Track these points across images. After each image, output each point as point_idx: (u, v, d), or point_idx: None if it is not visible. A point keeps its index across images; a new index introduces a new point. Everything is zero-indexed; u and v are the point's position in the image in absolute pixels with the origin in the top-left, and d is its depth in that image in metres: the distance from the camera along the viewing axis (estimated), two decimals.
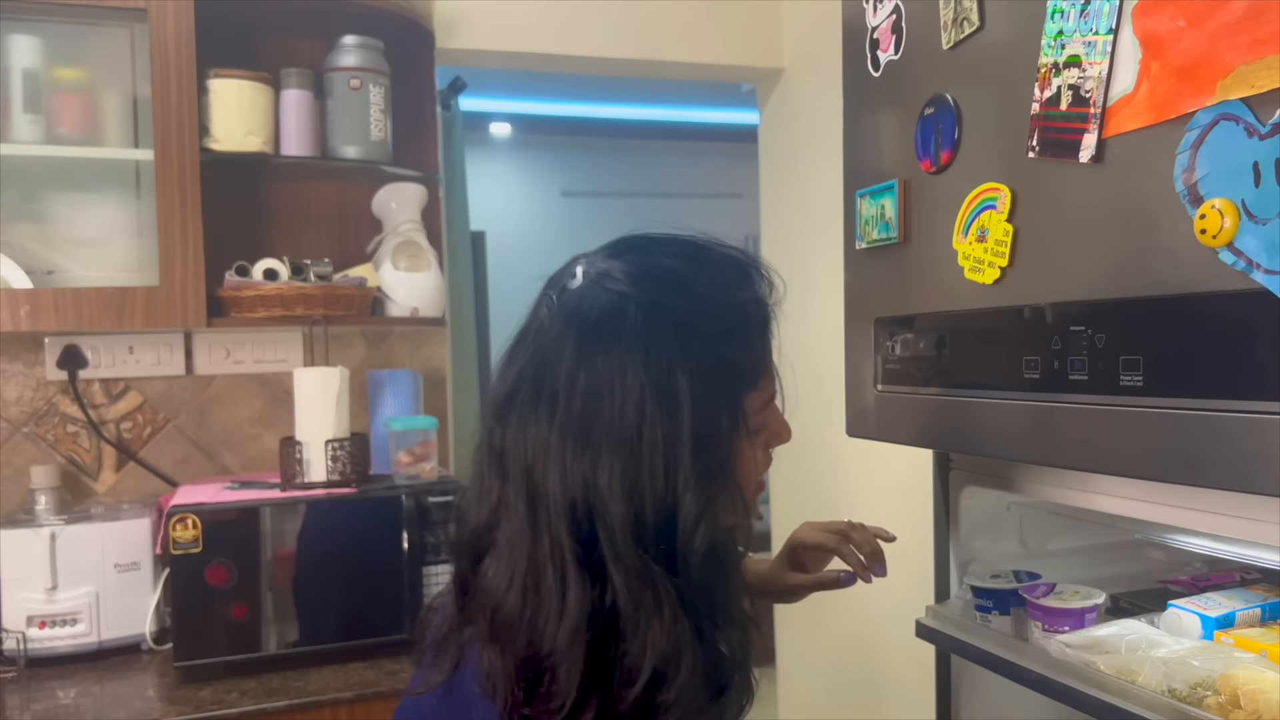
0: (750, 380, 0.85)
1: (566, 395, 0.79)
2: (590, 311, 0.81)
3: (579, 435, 0.78)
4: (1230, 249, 0.77)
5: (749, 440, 0.84)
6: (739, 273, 0.87)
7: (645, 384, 0.78)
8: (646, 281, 0.82)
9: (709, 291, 0.83)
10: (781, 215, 2.63)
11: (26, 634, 1.78)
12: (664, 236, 0.87)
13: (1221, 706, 0.90)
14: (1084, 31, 0.91)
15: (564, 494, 0.77)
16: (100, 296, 1.79)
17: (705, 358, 0.80)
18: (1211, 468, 0.81)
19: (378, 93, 2.01)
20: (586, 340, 0.80)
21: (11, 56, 1.82)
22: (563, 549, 0.77)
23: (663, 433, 0.77)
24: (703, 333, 0.80)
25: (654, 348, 0.79)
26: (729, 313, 0.83)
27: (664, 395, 0.78)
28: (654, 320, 0.79)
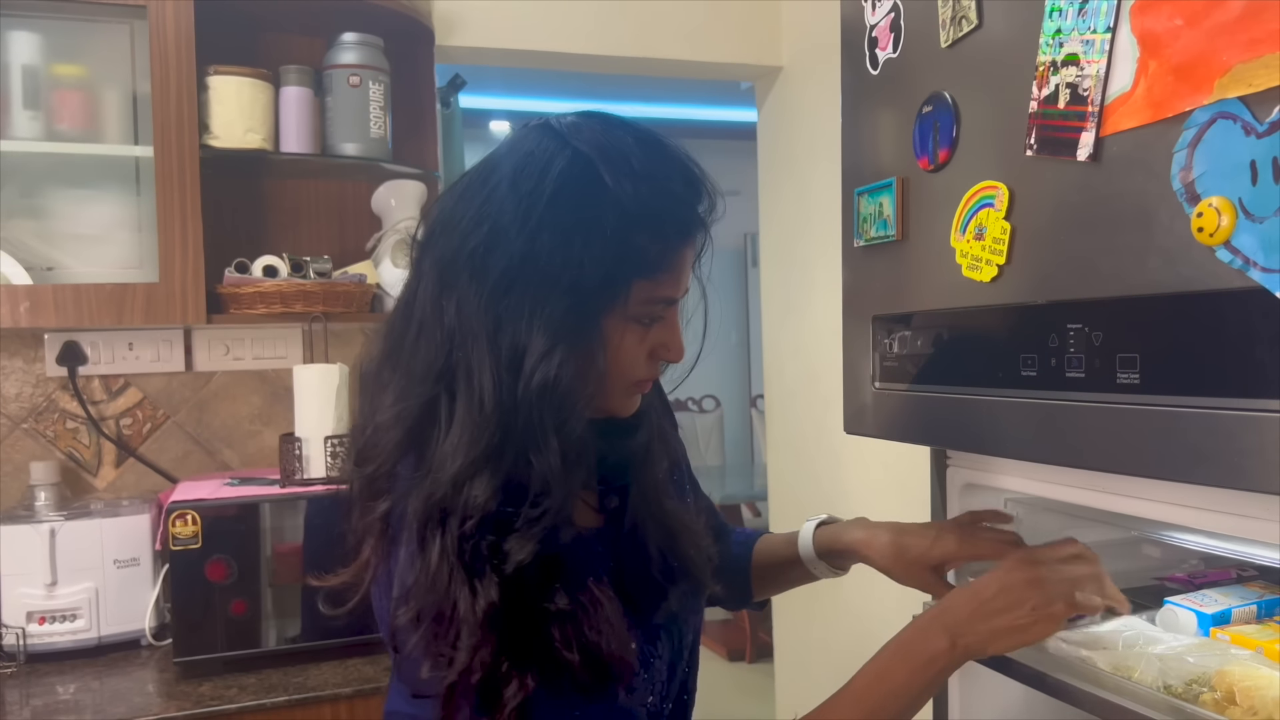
0: (647, 269, 0.86)
1: (475, 219, 0.84)
2: (527, 144, 0.86)
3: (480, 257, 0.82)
4: (1227, 247, 0.77)
5: (627, 324, 0.87)
6: (683, 175, 0.89)
7: (544, 223, 0.81)
8: (591, 142, 0.85)
9: (643, 173, 0.85)
10: (780, 213, 2.63)
11: (26, 629, 1.79)
12: (636, 122, 0.90)
13: (1217, 703, 0.91)
14: (1082, 30, 0.91)
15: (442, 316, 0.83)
16: (100, 293, 1.79)
17: (612, 225, 0.82)
18: (1208, 465, 0.81)
19: (377, 90, 2.01)
20: (517, 171, 0.84)
21: (11, 53, 1.83)
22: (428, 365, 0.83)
23: (542, 270, 0.81)
24: (620, 203, 0.83)
25: (565, 195, 0.82)
26: (654, 200, 0.85)
27: (558, 239, 0.81)
28: (579, 173, 0.83)
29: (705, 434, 6.00)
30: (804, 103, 2.48)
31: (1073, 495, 1.07)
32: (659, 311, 0.89)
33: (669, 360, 0.93)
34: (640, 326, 0.89)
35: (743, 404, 6.48)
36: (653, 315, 0.89)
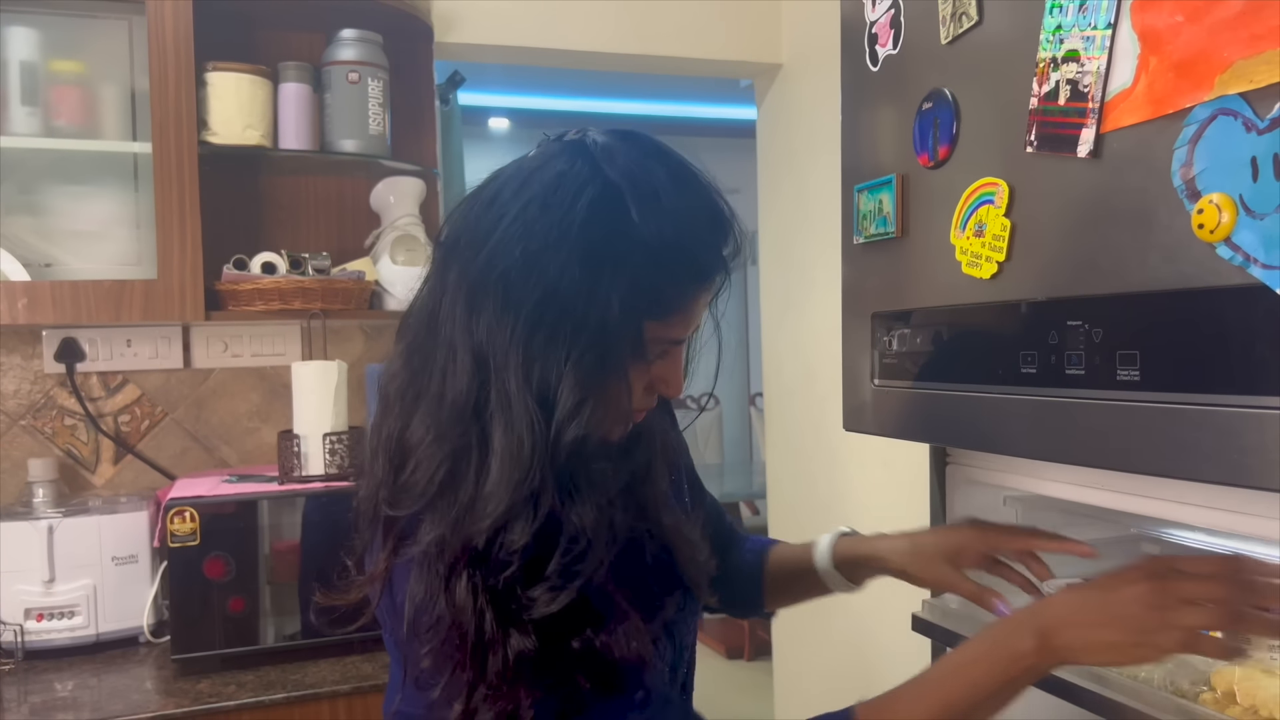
0: (662, 311, 0.84)
1: (506, 239, 0.81)
2: (560, 164, 0.84)
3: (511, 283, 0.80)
4: (1228, 244, 0.77)
5: (636, 364, 0.85)
6: (710, 217, 0.88)
7: (574, 255, 0.79)
8: (624, 172, 0.83)
9: (670, 212, 0.83)
10: (779, 210, 2.63)
11: (24, 626, 1.78)
12: (670, 150, 0.89)
13: (1217, 702, 0.91)
14: (1082, 26, 0.91)
15: (471, 340, 0.81)
16: (98, 289, 1.79)
17: (634, 265, 0.81)
18: (1208, 462, 0.81)
19: (376, 87, 2.01)
20: (548, 194, 0.82)
21: (9, 49, 1.82)
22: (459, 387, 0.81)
23: (571, 305, 0.79)
24: (645, 242, 0.81)
25: (595, 228, 0.80)
26: (678, 241, 0.83)
27: (587, 275, 0.79)
28: (608, 205, 0.81)
29: (704, 432, 6.00)
30: (804, 100, 2.47)
31: (1072, 493, 1.07)
32: (663, 350, 0.88)
33: (667, 395, 0.92)
34: (643, 363, 0.87)
35: (741, 402, 6.48)
36: (658, 353, 0.88)
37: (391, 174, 2.14)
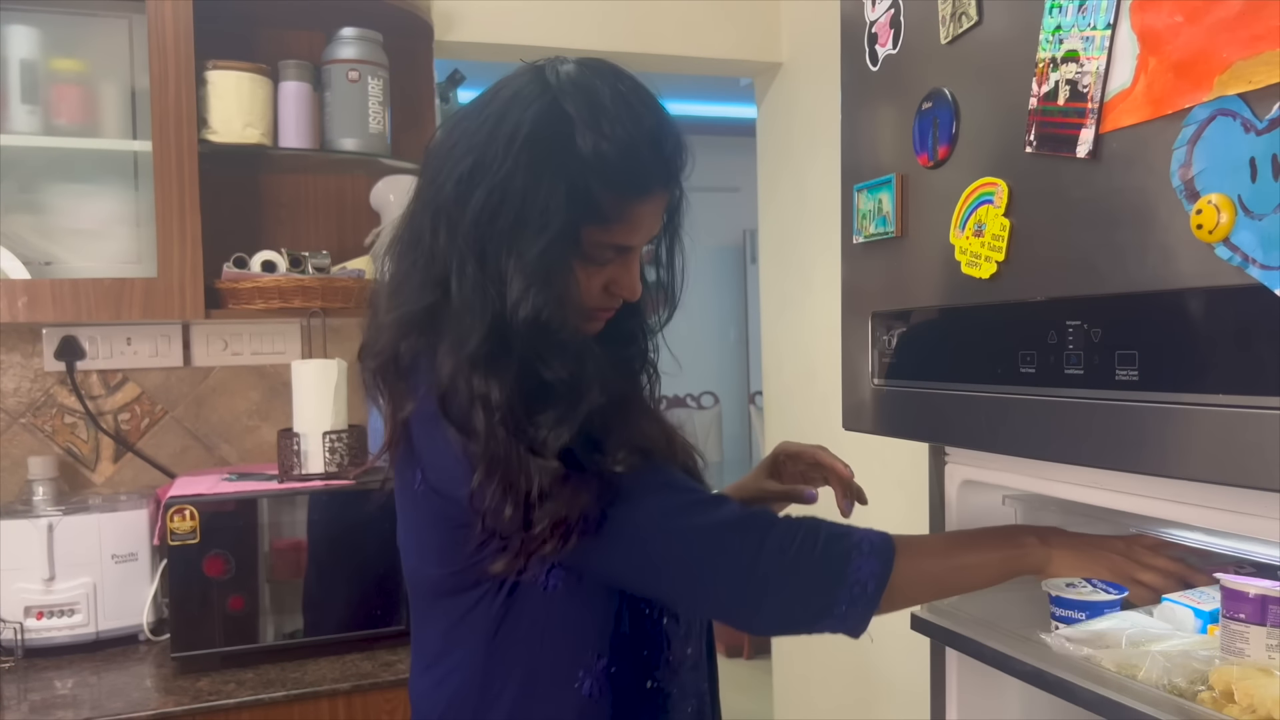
0: (600, 218, 0.94)
1: (463, 150, 0.94)
2: (517, 84, 0.96)
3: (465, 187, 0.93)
4: (1226, 244, 0.77)
5: (583, 265, 0.96)
6: (652, 134, 0.96)
7: (518, 164, 0.91)
8: (570, 92, 0.93)
9: (610, 128, 0.92)
10: (779, 209, 2.63)
11: (24, 624, 1.79)
12: (627, 76, 0.98)
13: (1215, 701, 0.91)
14: (1082, 26, 0.91)
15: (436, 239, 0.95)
16: (98, 288, 1.79)
17: (573, 174, 0.91)
18: (1207, 462, 0.81)
19: (376, 85, 2.01)
20: (501, 111, 0.94)
21: (9, 47, 1.82)
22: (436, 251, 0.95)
23: (516, 209, 0.91)
24: (581, 154, 0.91)
25: (536, 141, 0.91)
26: (614, 154, 0.92)
27: (529, 182, 0.91)
28: (551, 121, 0.92)
29: (703, 430, 6.00)
30: (804, 99, 2.47)
31: (1071, 492, 1.07)
32: (609, 255, 0.98)
33: (622, 296, 1.01)
34: (592, 265, 0.97)
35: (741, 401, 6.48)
36: (604, 257, 0.97)
37: (391, 172, 2.14)
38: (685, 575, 0.96)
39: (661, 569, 0.96)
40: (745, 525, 0.95)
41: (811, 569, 0.94)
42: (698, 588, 0.97)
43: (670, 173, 0.99)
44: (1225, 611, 1.00)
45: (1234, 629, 0.99)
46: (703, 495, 0.98)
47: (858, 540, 0.96)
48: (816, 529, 0.96)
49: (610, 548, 0.94)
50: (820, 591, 0.94)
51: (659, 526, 0.94)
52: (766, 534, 0.94)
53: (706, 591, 0.97)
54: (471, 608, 1.00)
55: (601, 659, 1.00)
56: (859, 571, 0.94)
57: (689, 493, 0.98)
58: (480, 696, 1.01)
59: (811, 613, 0.95)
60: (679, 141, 0.99)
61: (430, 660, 1.06)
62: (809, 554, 0.94)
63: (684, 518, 0.95)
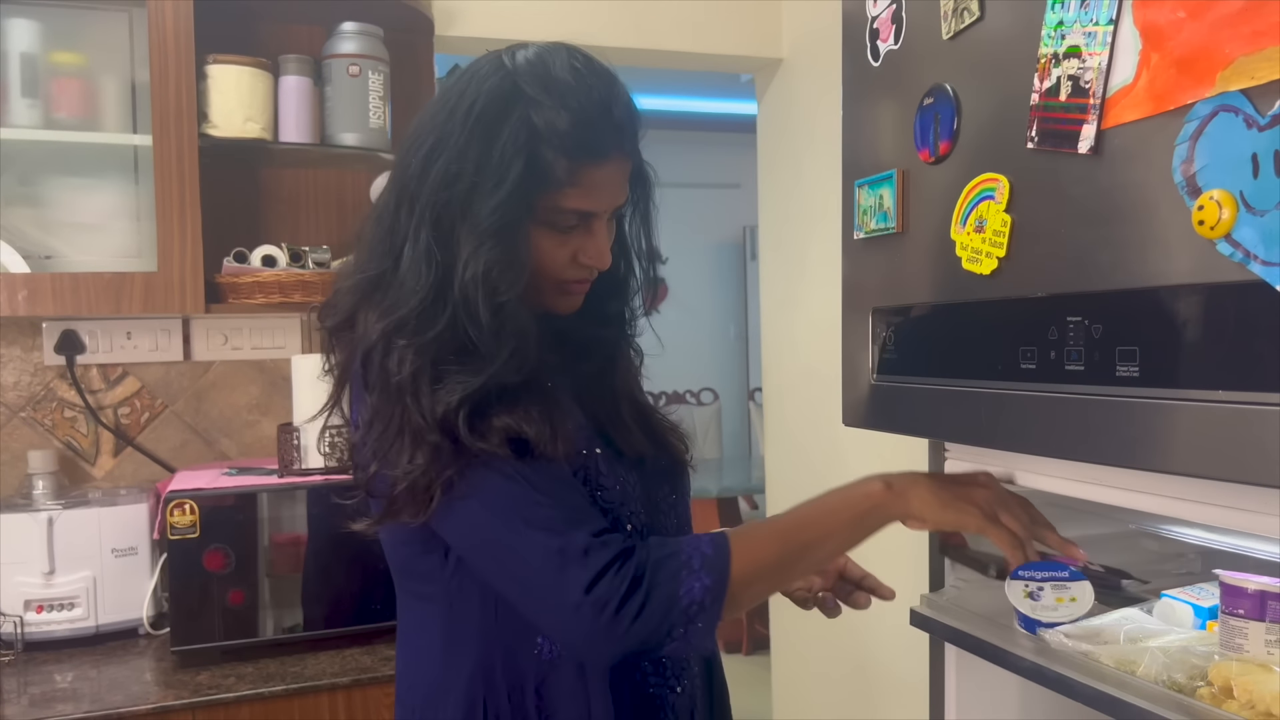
0: (553, 184, 0.96)
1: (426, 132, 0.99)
2: (476, 66, 1.00)
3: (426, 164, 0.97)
4: (1228, 240, 0.77)
5: (541, 229, 0.98)
6: (601, 101, 0.98)
7: (472, 136, 0.95)
8: (524, 67, 0.98)
9: (559, 96, 0.96)
10: (779, 206, 2.63)
11: (24, 618, 1.79)
12: (580, 53, 1.02)
13: (1214, 696, 0.91)
14: (1084, 22, 0.91)
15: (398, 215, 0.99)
16: (98, 282, 1.79)
17: (523, 143, 0.95)
18: (1207, 458, 0.81)
19: (377, 80, 2.01)
20: (460, 92, 0.98)
21: (9, 40, 1.82)
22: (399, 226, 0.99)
23: (470, 178, 0.95)
24: (530, 122, 0.95)
25: (489, 112, 0.96)
26: (563, 120, 0.95)
27: (483, 151, 0.95)
28: (504, 94, 0.96)
29: (703, 427, 6.00)
30: (804, 95, 2.47)
31: (1071, 488, 1.07)
32: (573, 221, 0.99)
33: (590, 265, 1.02)
34: (557, 232, 0.99)
35: (740, 397, 6.49)
36: (567, 223, 0.99)
37: (392, 167, 2.13)
38: (515, 587, 0.96)
39: (492, 572, 0.97)
40: (581, 556, 0.92)
41: (642, 600, 0.90)
42: (526, 603, 0.96)
43: (623, 137, 1.01)
44: (1224, 607, 1.01)
45: (1233, 625, 0.99)
46: (557, 510, 0.94)
47: (687, 558, 0.93)
48: (645, 556, 0.93)
49: (450, 527, 0.96)
50: (655, 620, 0.91)
51: (493, 525, 0.94)
52: (598, 568, 0.91)
53: (535, 610, 0.96)
54: (426, 582, 1.03)
55: None
56: (691, 592, 0.91)
57: (542, 499, 0.94)
58: (444, 671, 1.02)
59: (649, 642, 0.92)
60: (630, 108, 1.02)
61: (404, 637, 1.09)
62: (639, 586, 0.91)
63: (518, 531, 0.93)
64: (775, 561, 0.99)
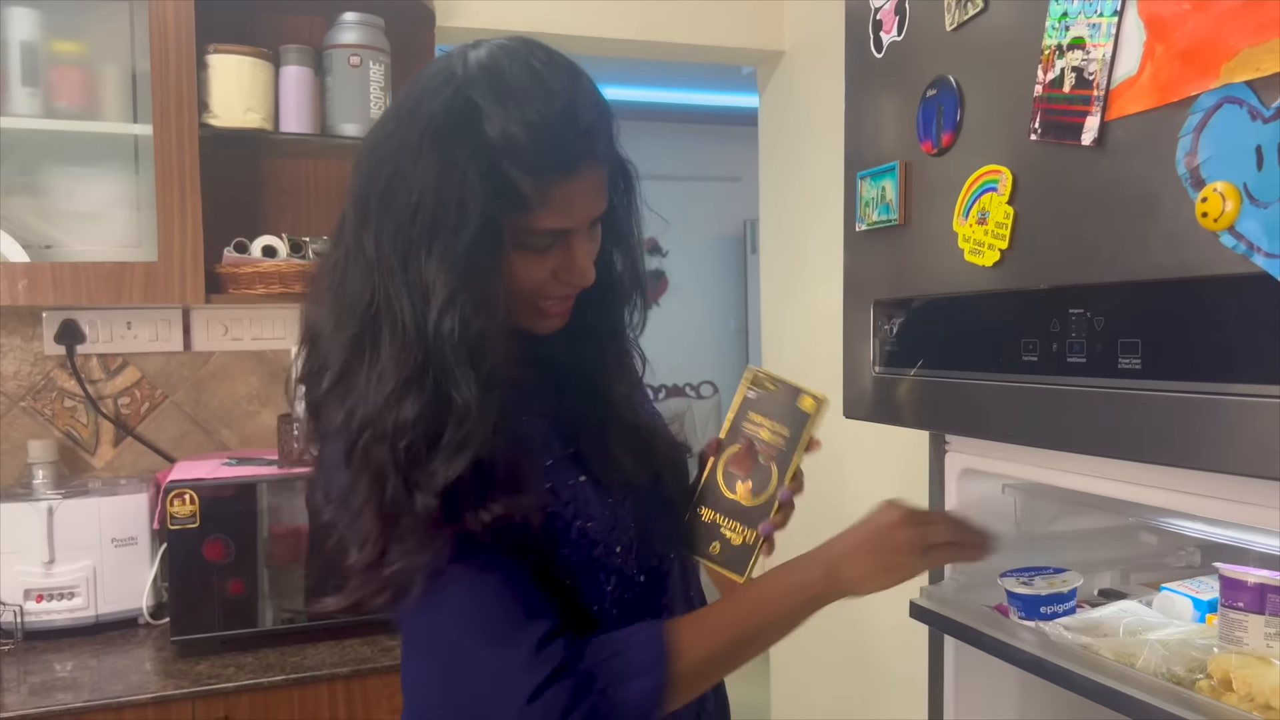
0: (521, 206, 0.89)
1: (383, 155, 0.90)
2: (428, 75, 0.92)
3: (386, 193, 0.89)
4: (1231, 232, 0.77)
5: (518, 253, 0.91)
6: (565, 109, 0.89)
7: (429, 162, 0.87)
8: (478, 78, 0.89)
9: (516, 110, 0.87)
10: (781, 198, 2.63)
11: (24, 607, 1.79)
12: (540, 49, 0.93)
13: (1213, 689, 0.91)
14: (1088, 13, 0.91)
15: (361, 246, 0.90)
16: (99, 271, 1.78)
17: (485, 163, 0.87)
18: (1209, 451, 0.81)
19: (378, 70, 2.00)
20: (414, 107, 0.90)
21: (10, 29, 1.81)
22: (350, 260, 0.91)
23: (432, 208, 0.87)
24: (489, 142, 0.87)
25: (445, 135, 0.87)
26: (524, 137, 0.87)
27: (442, 177, 0.87)
28: (458, 112, 0.88)
29: (703, 420, 6.00)
30: (806, 88, 2.47)
31: (1071, 481, 1.07)
32: (548, 242, 0.92)
33: (571, 283, 0.95)
34: (532, 253, 0.92)
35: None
36: (541, 245, 0.92)
37: None
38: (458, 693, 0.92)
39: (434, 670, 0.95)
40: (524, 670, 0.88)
41: (588, 711, 0.88)
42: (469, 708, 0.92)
43: (593, 143, 0.92)
44: (1224, 600, 1.01)
45: (1232, 617, 0.99)
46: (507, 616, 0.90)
47: (628, 660, 0.91)
48: (589, 662, 0.90)
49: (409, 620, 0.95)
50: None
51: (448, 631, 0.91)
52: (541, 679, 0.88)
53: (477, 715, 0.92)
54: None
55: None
56: (635, 694, 0.90)
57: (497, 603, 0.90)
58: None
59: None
60: (600, 109, 0.93)
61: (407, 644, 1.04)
62: (584, 694, 0.89)
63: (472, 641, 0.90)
64: (720, 654, 0.97)
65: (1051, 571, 1.17)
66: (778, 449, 1.06)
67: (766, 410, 1.07)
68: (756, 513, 1.04)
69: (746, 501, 1.05)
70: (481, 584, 0.90)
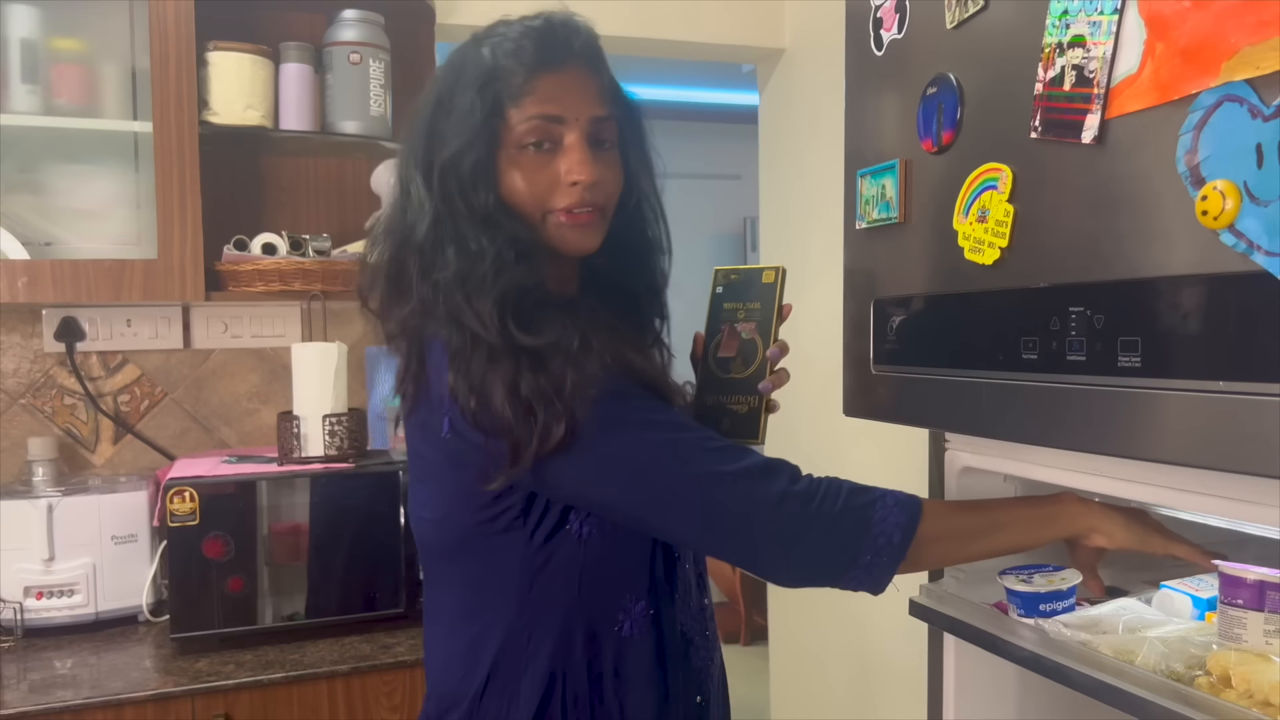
0: (515, 95, 1.02)
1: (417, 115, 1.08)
2: (449, 54, 1.09)
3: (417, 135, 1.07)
4: (1231, 231, 0.77)
5: (521, 151, 1.03)
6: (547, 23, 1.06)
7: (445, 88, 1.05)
8: (486, 29, 1.08)
9: (509, 28, 1.05)
10: (781, 196, 2.63)
11: (23, 604, 1.79)
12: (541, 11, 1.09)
13: (1213, 686, 0.91)
14: (1088, 11, 0.91)
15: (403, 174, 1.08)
16: (98, 269, 1.78)
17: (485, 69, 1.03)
18: (1209, 449, 0.81)
19: (378, 68, 2.00)
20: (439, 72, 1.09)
21: (10, 26, 1.81)
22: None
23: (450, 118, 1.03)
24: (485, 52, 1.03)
25: (456, 63, 1.06)
26: (511, 41, 1.03)
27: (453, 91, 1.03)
28: (468, 47, 1.06)
29: None
30: (806, 85, 2.47)
31: (1071, 479, 1.07)
32: (539, 131, 1.02)
33: (574, 180, 1.03)
34: (536, 152, 1.03)
35: None
36: (533, 135, 1.02)
37: (393, 156, 2.12)
38: (705, 519, 0.98)
39: (676, 509, 0.98)
40: (768, 473, 0.97)
41: (836, 519, 0.96)
42: (716, 534, 0.99)
43: (575, 49, 1.05)
44: (1223, 597, 1.01)
45: (1232, 614, 0.99)
46: (719, 441, 1.00)
47: (881, 493, 0.99)
48: (839, 483, 0.98)
49: (613, 481, 0.98)
50: (845, 542, 0.96)
51: (672, 465, 0.97)
52: (790, 484, 0.97)
53: (726, 538, 0.99)
54: (502, 561, 1.03)
55: (639, 601, 1.04)
56: (884, 523, 0.97)
57: (702, 434, 1.00)
58: (522, 648, 1.03)
59: (837, 563, 0.97)
60: (584, 31, 1.08)
61: (456, 620, 1.08)
62: (832, 505, 0.96)
63: (702, 460, 0.98)
64: (960, 530, 1.04)
65: (1051, 569, 1.17)
66: (756, 321, 1.15)
67: (737, 295, 1.18)
68: (753, 380, 1.13)
69: (741, 374, 1.14)
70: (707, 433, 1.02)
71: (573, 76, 1.04)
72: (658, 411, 1.01)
